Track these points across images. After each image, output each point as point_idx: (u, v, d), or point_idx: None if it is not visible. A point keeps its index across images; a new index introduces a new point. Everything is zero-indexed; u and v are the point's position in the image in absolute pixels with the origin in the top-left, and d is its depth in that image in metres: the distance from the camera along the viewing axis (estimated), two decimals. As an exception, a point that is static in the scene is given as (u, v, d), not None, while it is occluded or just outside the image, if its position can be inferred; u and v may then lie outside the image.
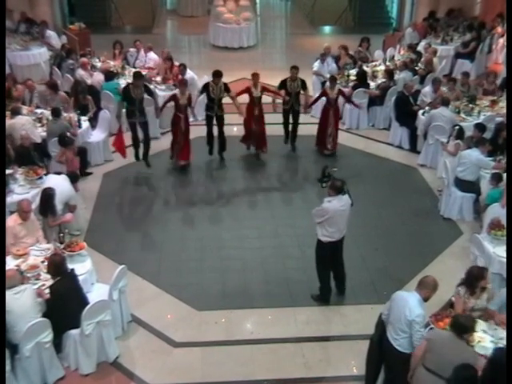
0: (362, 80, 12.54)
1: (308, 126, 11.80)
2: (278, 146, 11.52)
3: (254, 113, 10.85)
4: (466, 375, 4.76)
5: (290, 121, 11.50)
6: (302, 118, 11.57)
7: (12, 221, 7.26)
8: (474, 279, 6.15)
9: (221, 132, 10.96)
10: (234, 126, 11.16)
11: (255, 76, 10.82)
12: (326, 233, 7.04)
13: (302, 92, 11.22)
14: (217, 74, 10.58)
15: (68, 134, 9.64)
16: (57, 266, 6.27)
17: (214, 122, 10.90)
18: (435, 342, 5.24)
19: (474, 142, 9.31)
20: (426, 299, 5.61)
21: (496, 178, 8.45)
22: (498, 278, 7.22)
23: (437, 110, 10.78)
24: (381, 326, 5.89)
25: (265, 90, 10.92)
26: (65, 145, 9.23)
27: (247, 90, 10.85)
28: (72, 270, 6.44)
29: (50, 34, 15.72)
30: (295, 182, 10.67)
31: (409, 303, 5.51)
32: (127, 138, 10.60)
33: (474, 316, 5.58)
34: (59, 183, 8.19)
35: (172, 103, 10.46)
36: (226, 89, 10.66)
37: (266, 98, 11.26)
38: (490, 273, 7.15)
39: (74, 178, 8.84)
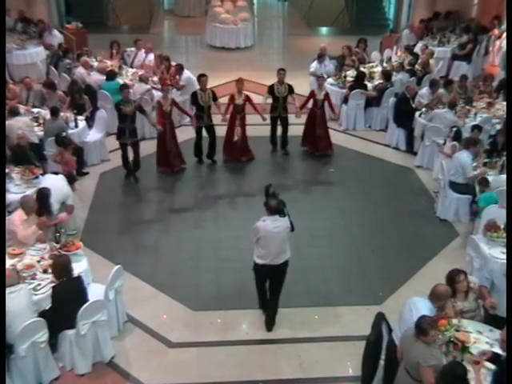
0: (359, 81, 12.55)
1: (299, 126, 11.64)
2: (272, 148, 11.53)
3: (235, 122, 10.67)
4: (455, 373, 4.77)
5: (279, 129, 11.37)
6: (292, 119, 11.35)
7: (18, 216, 7.24)
8: (448, 282, 6.12)
9: (212, 141, 10.84)
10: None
11: (240, 82, 10.61)
12: (259, 253, 6.71)
13: (289, 97, 11.01)
14: (202, 75, 10.51)
15: (64, 134, 9.62)
16: (62, 267, 6.26)
17: (204, 133, 10.77)
18: (404, 342, 5.33)
19: (463, 143, 9.33)
20: (439, 308, 5.63)
21: (483, 183, 8.46)
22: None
23: (441, 110, 10.80)
24: (377, 326, 5.90)
25: (248, 100, 10.68)
26: (63, 145, 9.20)
27: (232, 100, 10.60)
28: (79, 275, 6.42)
29: (56, 33, 15.70)
30: (291, 183, 10.64)
31: (419, 311, 5.51)
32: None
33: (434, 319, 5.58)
34: (56, 182, 8.18)
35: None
36: (214, 97, 10.53)
37: (258, 98, 11.25)
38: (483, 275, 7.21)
39: (70, 179, 8.82)
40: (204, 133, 10.84)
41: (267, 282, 6.97)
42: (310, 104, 11.27)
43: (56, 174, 8.64)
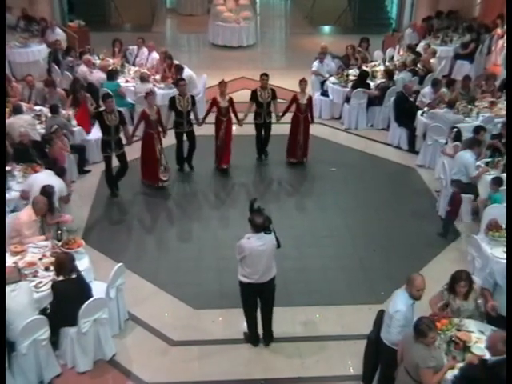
0: (362, 80, 12.53)
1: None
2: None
3: (221, 126, 10.39)
4: (468, 375, 4.77)
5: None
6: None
7: (26, 216, 7.22)
8: (451, 279, 6.13)
9: (192, 147, 10.61)
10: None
11: (222, 85, 10.34)
12: (244, 272, 6.32)
13: (272, 103, 10.68)
14: (181, 79, 10.39)
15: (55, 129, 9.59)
16: (59, 263, 6.26)
17: (184, 138, 10.49)
18: (404, 343, 5.34)
19: (466, 143, 9.30)
20: (413, 297, 5.60)
21: (496, 183, 8.42)
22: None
23: (440, 110, 10.78)
24: (378, 323, 5.92)
25: (231, 104, 10.41)
26: (47, 143, 9.18)
27: (214, 103, 10.32)
28: (79, 274, 6.37)
29: (59, 32, 15.70)
30: (291, 183, 10.63)
31: (395, 299, 5.66)
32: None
33: (434, 321, 5.54)
34: (48, 180, 7.98)
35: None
36: (193, 102, 10.28)
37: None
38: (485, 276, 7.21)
39: (61, 172, 8.49)
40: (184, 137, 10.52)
41: (258, 304, 6.65)
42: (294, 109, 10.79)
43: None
